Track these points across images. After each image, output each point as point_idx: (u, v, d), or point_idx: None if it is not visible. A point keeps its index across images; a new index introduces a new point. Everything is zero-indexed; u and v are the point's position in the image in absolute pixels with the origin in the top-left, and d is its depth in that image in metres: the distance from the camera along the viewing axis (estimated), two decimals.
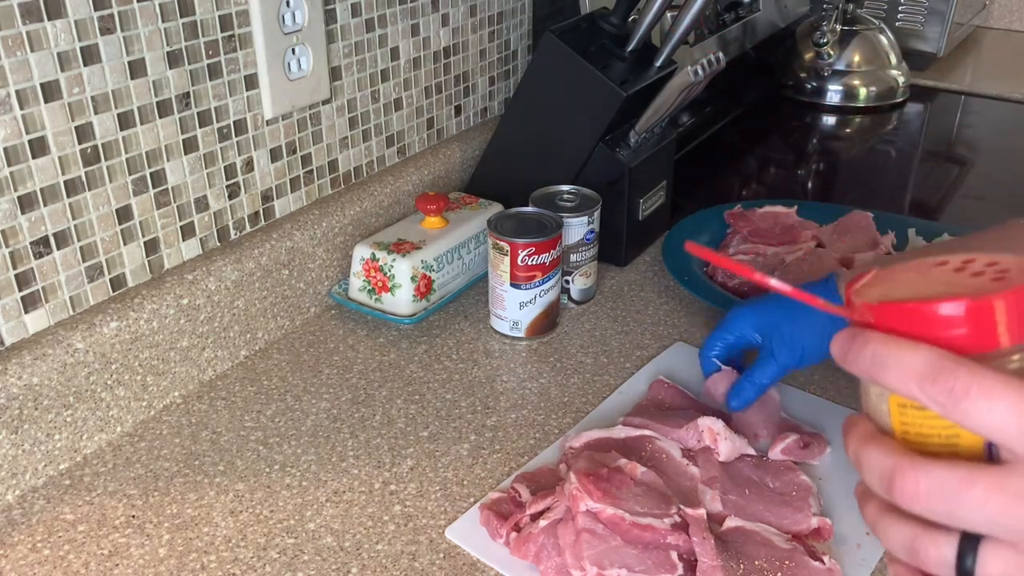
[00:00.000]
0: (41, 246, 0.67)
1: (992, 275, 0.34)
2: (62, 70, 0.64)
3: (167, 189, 0.75)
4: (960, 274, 0.35)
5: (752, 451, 0.68)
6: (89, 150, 0.68)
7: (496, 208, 0.95)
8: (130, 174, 0.72)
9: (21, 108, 0.63)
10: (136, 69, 0.69)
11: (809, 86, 1.50)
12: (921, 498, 0.33)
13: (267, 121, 0.82)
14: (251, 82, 0.79)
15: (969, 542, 0.33)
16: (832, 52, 1.44)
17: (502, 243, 0.82)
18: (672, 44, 0.94)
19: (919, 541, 0.34)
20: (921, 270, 0.36)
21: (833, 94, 1.49)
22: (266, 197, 0.85)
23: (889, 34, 1.52)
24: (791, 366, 0.69)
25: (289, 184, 0.87)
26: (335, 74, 0.88)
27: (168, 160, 0.74)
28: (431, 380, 0.80)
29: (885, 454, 0.34)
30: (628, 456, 0.64)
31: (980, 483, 0.31)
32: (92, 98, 0.67)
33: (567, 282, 0.90)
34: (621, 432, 0.69)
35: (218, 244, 0.82)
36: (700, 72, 0.84)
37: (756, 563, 0.57)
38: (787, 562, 0.57)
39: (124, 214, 0.72)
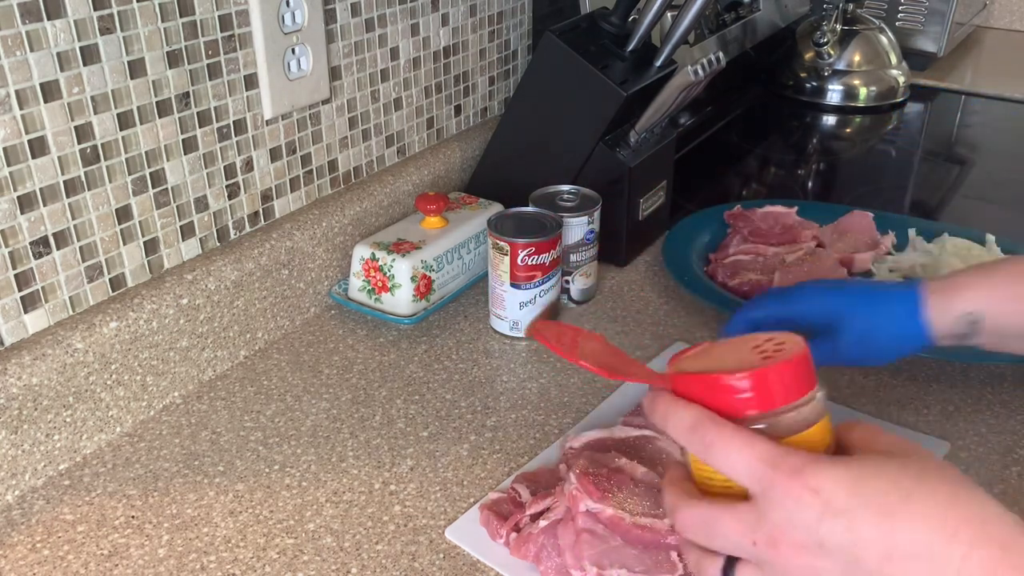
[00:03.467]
0: (41, 246, 0.67)
1: (771, 352, 0.44)
2: (62, 70, 0.64)
3: (167, 189, 0.75)
4: (755, 351, 0.44)
5: None
6: (89, 150, 0.68)
7: (496, 208, 0.95)
8: (130, 174, 0.72)
9: (21, 108, 0.63)
10: (136, 69, 0.69)
11: (809, 86, 1.50)
12: (688, 529, 0.44)
13: (267, 121, 0.82)
14: (251, 82, 0.79)
15: (731, 562, 0.43)
16: (832, 52, 1.44)
17: (502, 243, 0.82)
18: (672, 44, 0.94)
19: (699, 561, 0.45)
20: (735, 346, 0.46)
21: (833, 94, 1.48)
22: (266, 197, 0.85)
23: (889, 34, 1.52)
24: (851, 360, 0.65)
25: (289, 184, 0.87)
26: (335, 74, 0.88)
27: (168, 160, 0.74)
28: (431, 380, 0.80)
29: (670, 495, 0.45)
30: (628, 456, 0.64)
31: (725, 518, 0.42)
32: (92, 98, 0.67)
33: (567, 282, 0.90)
34: (621, 432, 0.69)
35: (218, 244, 0.81)
36: (700, 72, 0.84)
37: None
38: None
39: (124, 214, 0.72)
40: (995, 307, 0.61)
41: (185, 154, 0.76)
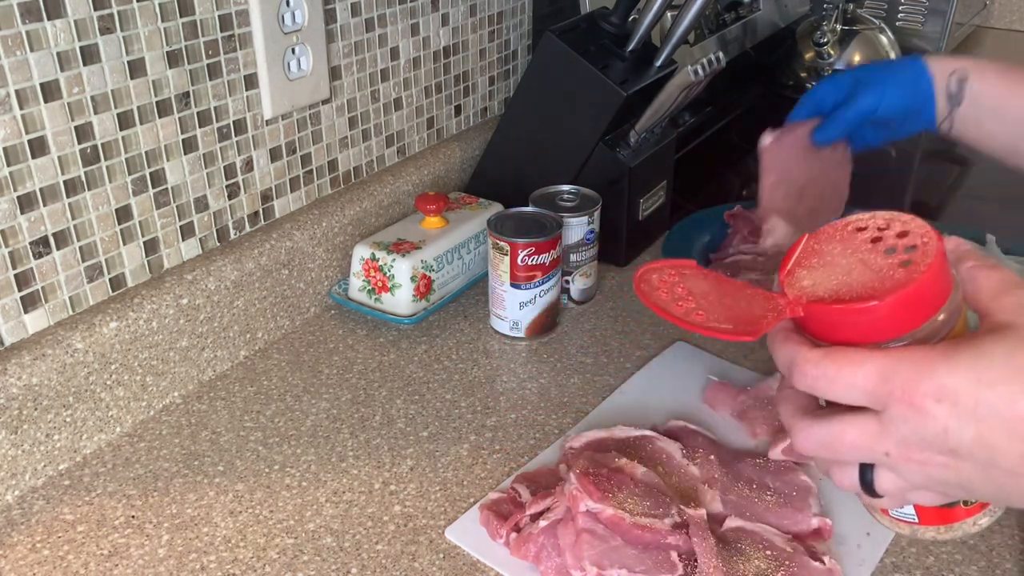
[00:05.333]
0: (41, 246, 0.67)
1: (901, 253, 0.39)
2: (62, 70, 0.64)
3: (167, 189, 0.75)
4: (875, 250, 0.40)
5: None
6: (89, 150, 0.68)
7: (496, 208, 0.95)
8: (130, 174, 0.72)
9: (21, 108, 0.63)
10: (136, 69, 0.69)
11: (809, 86, 1.50)
12: (811, 451, 0.42)
13: (267, 121, 0.82)
14: (251, 82, 0.79)
15: (866, 466, 0.41)
16: (832, 52, 1.44)
17: (502, 243, 0.82)
18: (672, 44, 0.94)
19: (831, 471, 0.43)
20: (844, 241, 0.42)
21: None
22: (266, 197, 0.85)
23: (889, 34, 1.51)
24: (868, 109, 0.80)
25: (289, 184, 0.87)
26: (335, 74, 0.88)
27: (168, 160, 0.74)
28: (431, 380, 0.80)
29: (785, 415, 0.44)
30: (628, 456, 0.64)
31: (849, 434, 0.40)
32: (92, 98, 0.67)
33: (567, 282, 0.90)
34: (621, 432, 0.69)
35: (218, 244, 0.81)
36: (700, 72, 0.84)
37: (756, 563, 0.57)
38: (787, 562, 0.57)
39: (124, 214, 0.72)
40: (979, 73, 0.77)
41: (185, 154, 0.76)
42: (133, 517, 0.64)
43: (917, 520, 0.46)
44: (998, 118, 0.77)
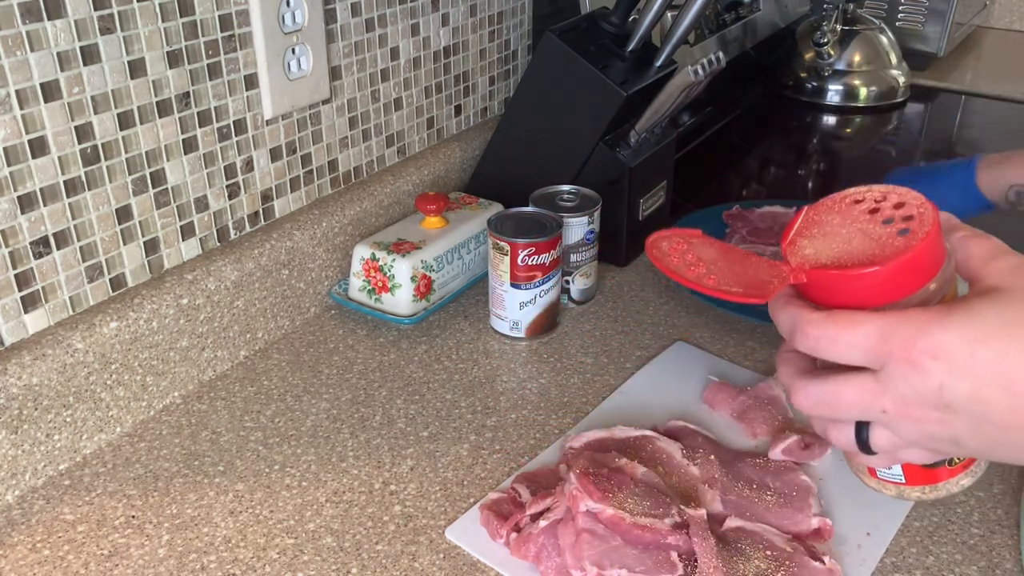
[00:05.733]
0: (41, 246, 0.67)
1: (899, 223, 0.41)
2: (62, 70, 0.64)
3: (167, 189, 0.75)
4: (873, 220, 0.42)
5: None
6: (89, 150, 0.68)
7: (496, 208, 0.95)
8: (130, 174, 0.72)
9: (21, 108, 0.63)
10: (136, 69, 0.69)
11: (809, 86, 1.50)
12: (809, 408, 0.44)
13: (267, 121, 0.82)
14: (251, 82, 0.79)
15: (862, 424, 0.44)
16: (832, 52, 1.44)
17: (502, 243, 0.82)
18: (672, 44, 0.94)
19: (826, 428, 0.45)
20: (843, 212, 0.44)
21: (833, 94, 1.48)
22: (266, 197, 0.85)
23: (889, 34, 1.52)
24: None
25: (289, 184, 0.87)
26: (335, 74, 0.88)
27: (168, 160, 0.74)
28: (431, 380, 0.80)
29: (784, 373, 0.46)
30: (628, 456, 0.64)
31: (848, 392, 0.42)
32: (92, 98, 0.67)
33: (567, 282, 0.90)
34: (621, 432, 0.69)
35: (218, 244, 0.81)
36: (700, 72, 0.84)
37: (756, 563, 0.57)
38: (787, 562, 0.57)
39: (124, 214, 0.72)
40: None
41: (185, 154, 0.76)
42: (133, 517, 0.64)
43: (904, 480, 0.48)
44: None
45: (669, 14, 0.98)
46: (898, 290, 0.41)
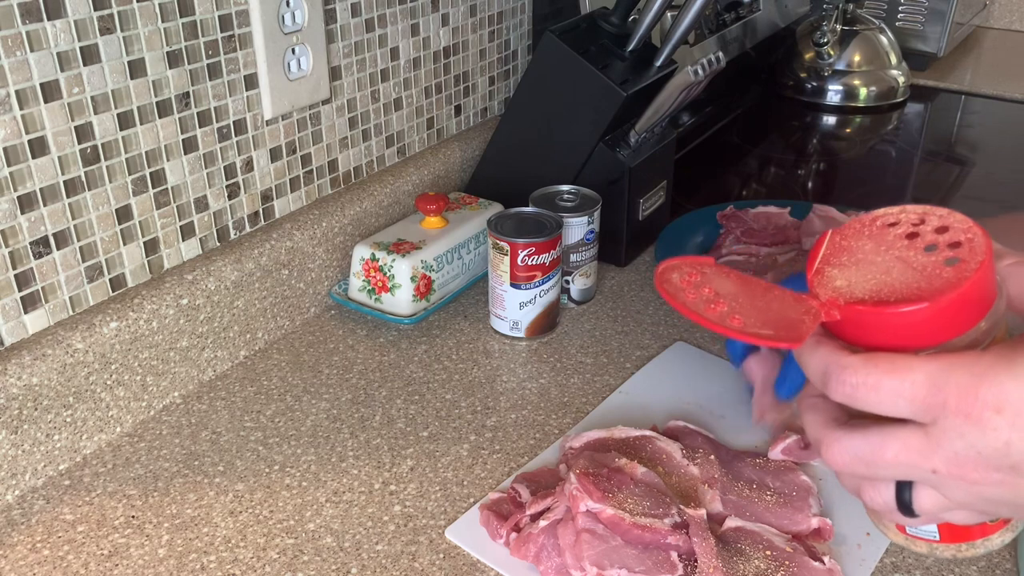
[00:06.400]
0: (41, 246, 0.67)
1: (945, 250, 0.36)
2: (62, 70, 0.64)
3: (167, 189, 0.75)
4: (913, 247, 0.37)
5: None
6: (89, 150, 0.68)
7: (496, 208, 0.95)
8: (130, 174, 0.72)
9: (21, 108, 0.63)
10: (136, 69, 0.69)
11: (809, 86, 1.50)
12: (847, 466, 0.38)
13: (267, 121, 0.82)
14: (251, 82, 0.79)
15: (904, 483, 0.38)
16: (832, 52, 1.44)
17: (502, 243, 0.82)
18: (672, 44, 0.94)
19: (863, 489, 0.39)
20: (875, 237, 0.38)
21: (833, 94, 1.48)
22: (266, 197, 0.85)
23: (889, 34, 1.52)
24: None
25: (289, 184, 0.87)
26: (335, 74, 0.88)
27: (168, 160, 0.74)
28: (431, 380, 0.80)
29: (813, 426, 0.40)
30: (628, 456, 0.64)
31: (891, 448, 0.36)
32: (92, 98, 0.67)
33: (567, 282, 0.90)
34: (621, 432, 0.69)
35: (218, 244, 0.81)
36: (700, 72, 0.84)
37: (756, 563, 0.57)
38: (787, 562, 0.57)
39: (124, 214, 0.72)
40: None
41: (185, 154, 0.76)
42: (133, 517, 0.64)
43: (937, 538, 0.43)
44: None
45: (669, 14, 0.98)
46: (948, 329, 0.36)
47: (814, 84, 1.49)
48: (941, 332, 0.36)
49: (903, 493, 0.38)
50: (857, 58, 1.49)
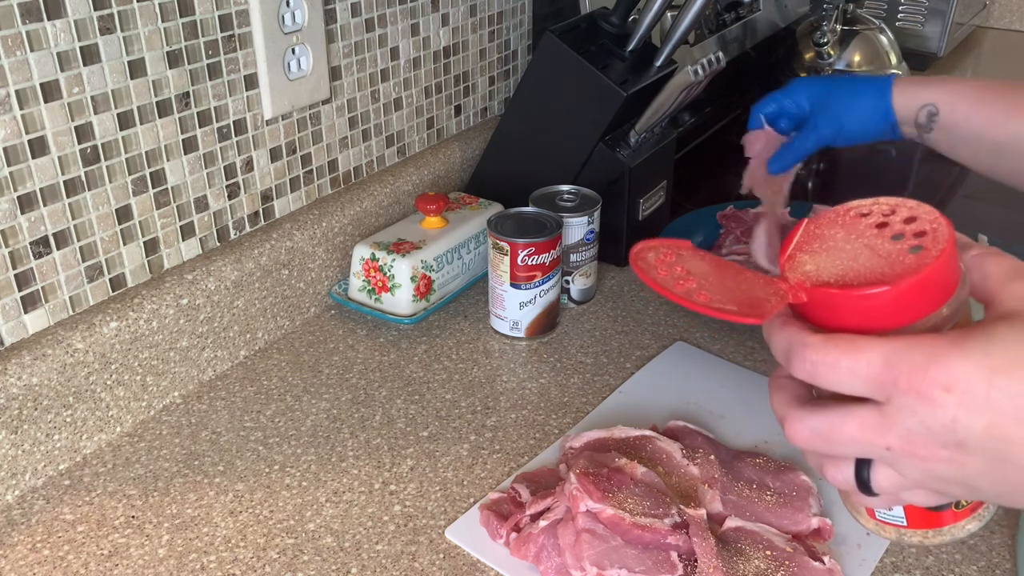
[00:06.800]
0: (41, 246, 0.67)
1: (910, 239, 0.38)
2: (62, 70, 0.64)
3: (167, 189, 0.75)
4: (881, 236, 0.39)
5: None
6: (89, 150, 0.68)
7: (496, 208, 0.95)
8: (130, 174, 0.72)
9: (21, 108, 0.63)
10: (136, 69, 0.69)
11: None
12: (804, 443, 0.40)
13: (267, 121, 0.82)
14: (251, 82, 0.79)
15: (863, 462, 0.39)
16: (832, 52, 1.44)
17: (502, 243, 0.82)
18: (672, 44, 0.94)
19: (824, 467, 0.41)
20: (847, 226, 0.40)
21: None
22: (266, 197, 0.85)
23: (889, 34, 1.51)
24: (827, 139, 0.77)
25: (289, 184, 0.87)
26: (335, 74, 0.88)
27: (168, 160, 0.74)
28: (431, 380, 0.80)
29: (777, 403, 0.41)
30: (628, 456, 0.64)
31: (847, 426, 0.38)
32: (92, 98, 0.67)
33: (567, 282, 0.90)
34: (621, 432, 0.69)
35: (218, 244, 0.81)
36: (700, 72, 0.84)
37: (756, 563, 0.57)
38: (787, 562, 0.57)
39: (124, 214, 0.72)
40: (951, 105, 0.72)
41: (185, 154, 0.76)
42: (133, 517, 0.64)
43: (905, 523, 0.44)
44: (972, 145, 0.73)
45: (669, 14, 0.98)
46: (908, 313, 0.37)
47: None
48: (902, 315, 0.37)
49: (862, 471, 0.39)
50: (857, 58, 1.49)
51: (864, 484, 0.40)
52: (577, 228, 0.87)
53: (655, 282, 0.40)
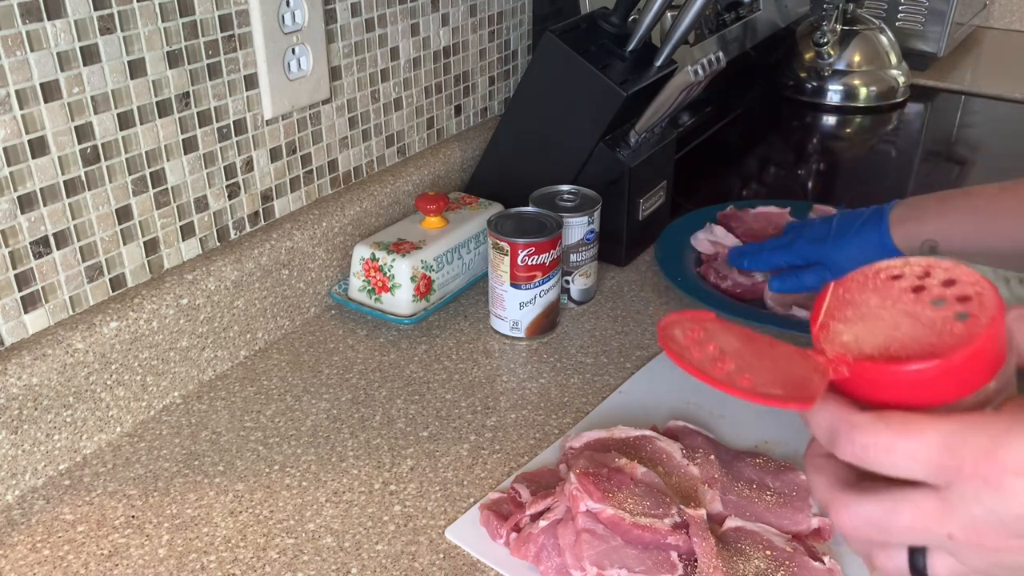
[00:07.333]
0: (41, 246, 0.67)
1: (954, 304, 0.35)
2: (62, 70, 0.64)
3: (167, 189, 0.75)
4: (920, 301, 0.36)
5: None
6: (89, 150, 0.68)
7: (496, 208, 0.95)
8: (130, 174, 0.72)
9: (21, 108, 0.63)
10: (136, 69, 0.69)
11: (809, 86, 1.50)
12: (858, 531, 0.37)
13: (267, 121, 0.82)
14: (251, 82, 0.79)
15: (917, 549, 0.36)
16: (832, 52, 1.44)
17: (502, 243, 0.82)
18: (672, 44, 0.94)
19: (874, 554, 0.38)
20: (880, 291, 0.38)
21: (833, 94, 1.48)
22: (266, 197, 0.85)
23: (889, 34, 1.52)
24: (830, 279, 0.78)
25: (289, 184, 0.87)
26: (335, 74, 0.88)
27: (168, 160, 0.74)
28: (431, 380, 0.80)
29: (821, 488, 0.38)
30: (628, 456, 0.64)
31: (904, 514, 0.35)
32: (92, 98, 0.67)
33: (567, 282, 0.90)
34: (621, 432, 0.69)
35: (218, 244, 0.81)
36: (700, 72, 0.84)
37: (756, 563, 0.57)
38: (787, 562, 0.57)
39: (124, 214, 0.72)
40: (949, 235, 0.75)
41: (185, 154, 0.76)
42: (133, 517, 0.64)
43: None
44: (984, 251, 0.75)
45: (669, 14, 0.98)
46: (959, 387, 0.34)
47: (814, 84, 1.49)
48: (952, 390, 0.35)
49: (916, 559, 0.37)
50: (857, 58, 1.49)
51: (919, 573, 0.37)
52: (577, 228, 0.87)
53: (692, 366, 0.38)
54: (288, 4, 0.79)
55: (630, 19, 0.97)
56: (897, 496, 0.35)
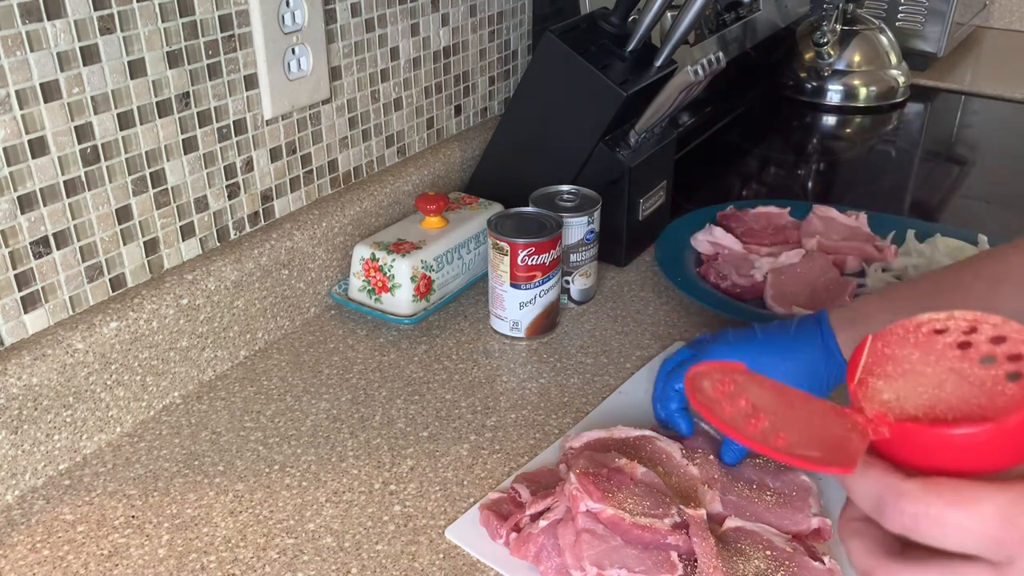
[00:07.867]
0: (41, 246, 0.67)
1: (1004, 363, 0.33)
2: (62, 70, 0.64)
3: (167, 189, 0.75)
4: (967, 359, 0.34)
5: None
6: (89, 150, 0.68)
7: (496, 208, 0.95)
8: (130, 174, 0.72)
9: (21, 108, 0.63)
10: (136, 69, 0.69)
11: (809, 86, 1.50)
12: None
13: (267, 121, 0.82)
14: (251, 82, 0.79)
15: None
16: (832, 52, 1.44)
17: (502, 243, 0.82)
18: (672, 44, 0.94)
19: None
20: (923, 346, 0.35)
21: (833, 94, 1.49)
22: (266, 197, 0.85)
23: (889, 34, 1.52)
24: None
25: (289, 184, 0.87)
26: (335, 74, 0.88)
27: (168, 160, 0.74)
28: (431, 380, 0.80)
29: (860, 556, 0.35)
30: (628, 456, 0.64)
31: None
32: (92, 98, 0.67)
33: (567, 282, 0.90)
34: (621, 432, 0.69)
35: (218, 244, 0.81)
36: (700, 72, 0.84)
37: (756, 563, 0.57)
38: (787, 562, 0.57)
39: (124, 214, 0.72)
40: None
41: (185, 154, 0.76)
42: (133, 517, 0.65)
43: None
44: None
45: (669, 14, 0.98)
46: (1012, 453, 0.32)
47: (814, 84, 1.49)
48: (1004, 456, 0.33)
49: None
50: (857, 58, 1.49)
51: None
52: (577, 228, 0.87)
53: (724, 423, 0.35)
54: (288, 4, 0.79)
55: (630, 19, 0.97)
56: (952, 569, 0.33)
